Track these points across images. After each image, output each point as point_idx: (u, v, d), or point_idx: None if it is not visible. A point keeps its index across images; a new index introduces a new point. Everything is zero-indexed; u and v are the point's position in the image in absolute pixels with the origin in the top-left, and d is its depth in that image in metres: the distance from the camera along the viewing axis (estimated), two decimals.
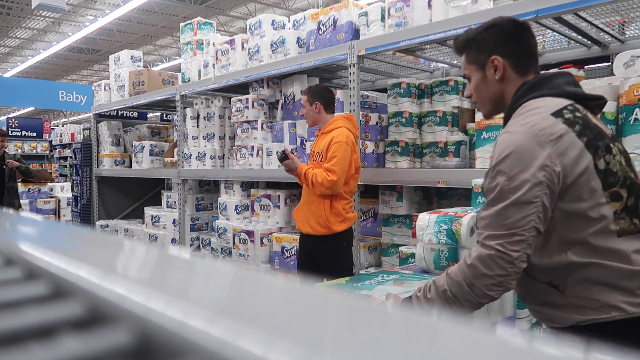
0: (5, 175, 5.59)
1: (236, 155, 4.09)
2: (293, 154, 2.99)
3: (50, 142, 13.16)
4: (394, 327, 0.25)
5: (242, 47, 4.09)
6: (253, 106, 3.98)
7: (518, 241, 1.21)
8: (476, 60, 1.43)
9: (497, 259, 1.22)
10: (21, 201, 6.56)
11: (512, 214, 1.22)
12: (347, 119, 2.88)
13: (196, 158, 4.53)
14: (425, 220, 1.88)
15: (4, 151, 5.71)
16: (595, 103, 1.38)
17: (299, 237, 3.11)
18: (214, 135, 4.49)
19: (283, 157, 2.88)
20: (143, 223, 5.48)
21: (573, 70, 2.63)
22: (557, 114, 1.27)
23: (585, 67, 2.94)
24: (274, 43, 3.78)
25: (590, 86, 2.27)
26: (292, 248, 3.41)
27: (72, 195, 6.29)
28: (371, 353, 0.21)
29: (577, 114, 1.28)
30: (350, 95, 3.08)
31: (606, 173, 1.24)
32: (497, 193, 1.25)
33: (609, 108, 2.07)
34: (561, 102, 1.31)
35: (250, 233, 3.77)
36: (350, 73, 3.09)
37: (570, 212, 1.23)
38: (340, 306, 0.29)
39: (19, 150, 12.27)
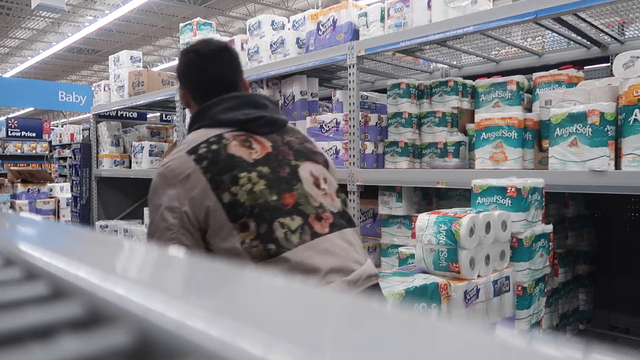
0: None
1: None
2: None
3: (50, 142, 13.17)
4: (394, 327, 0.25)
5: (242, 47, 4.09)
6: None
7: None
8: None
9: None
10: (21, 201, 6.56)
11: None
12: None
13: None
14: (425, 220, 1.88)
15: None
16: (257, 124, 1.34)
17: None
18: None
19: None
20: (142, 223, 5.47)
21: (572, 71, 2.64)
22: (193, 150, 1.26)
23: (585, 67, 2.94)
24: (274, 43, 3.77)
25: (589, 87, 2.27)
26: None
27: (72, 195, 6.28)
28: (370, 353, 0.21)
29: (213, 147, 1.26)
30: (350, 96, 3.08)
31: (233, 205, 1.22)
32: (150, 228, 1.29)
33: (609, 109, 2.07)
34: (209, 134, 1.30)
35: None
36: (349, 74, 3.09)
37: (221, 249, 1.23)
38: (340, 306, 0.29)
39: (18, 151, 12.27)
